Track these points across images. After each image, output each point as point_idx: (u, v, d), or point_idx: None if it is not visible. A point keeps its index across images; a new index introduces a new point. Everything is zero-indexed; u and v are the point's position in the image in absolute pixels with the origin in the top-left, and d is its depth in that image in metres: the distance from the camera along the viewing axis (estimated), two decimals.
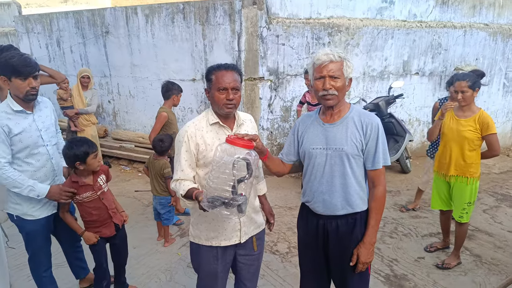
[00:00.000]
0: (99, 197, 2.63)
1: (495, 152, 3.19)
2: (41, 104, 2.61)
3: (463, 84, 3.13)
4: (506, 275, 3.26)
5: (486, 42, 7.24)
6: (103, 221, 2.68)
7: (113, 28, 6.71)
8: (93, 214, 2.63)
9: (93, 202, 2.61)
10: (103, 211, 2.66)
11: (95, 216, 2.64)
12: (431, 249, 3.75)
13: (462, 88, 3.13)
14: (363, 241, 2.02)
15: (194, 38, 5.81)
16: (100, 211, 2.65)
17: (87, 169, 2.55)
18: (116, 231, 2.76)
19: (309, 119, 2.14)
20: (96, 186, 2.62)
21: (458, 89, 3.16)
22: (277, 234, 4.09)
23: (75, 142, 2.53)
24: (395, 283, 3.22)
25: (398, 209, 4.73)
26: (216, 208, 1.64)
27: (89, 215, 2.63)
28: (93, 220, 2.65)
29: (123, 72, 6.91)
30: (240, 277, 2.27)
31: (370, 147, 1.97)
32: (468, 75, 3.20)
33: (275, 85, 5.72)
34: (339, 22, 5.93)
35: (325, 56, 1.90)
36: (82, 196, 2.57)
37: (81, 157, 2.48)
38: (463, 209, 3.29)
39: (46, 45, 7.84)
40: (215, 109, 2.01)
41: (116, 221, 2.75)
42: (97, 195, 2.62)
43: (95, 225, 2.67)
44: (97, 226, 2.67)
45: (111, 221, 2.72)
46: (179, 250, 3.79)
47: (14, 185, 2.39)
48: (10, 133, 2.36)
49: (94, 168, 2.58)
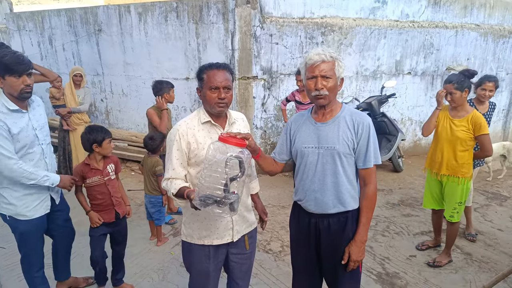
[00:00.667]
0: (105, 183, 2.88)
1: (487, 153, 3.22)
2: (34, 103, 2.59)
3: (450, 87, 3.21)
4: (496, 272, 3.30)
5: (477, 42, 7.32)
6: (106, 206, 2.90)
7: (106, 26, 6.67)
8: (98, 198, 2.87)
9: (99, 186, 2.86)
10: (107, 197, 2.89)
11: (99, 200, 2.88)
12: (423, 247, 3.78)
13: (450, 90, 3.21)
14: (354, 239, 2.03)
15: (187, 36, 5.79)
16: (104, 196, 2.88)
17: (102, 152, 2.83)
18: (116, 220, 2.96)
19: (301, 118, 2.15)
20: (105, 172, 2.88)
21: (447, 91, 3.24)
22: (270, 233, 4.10)
23: (95, 127, 2.85)
24: (387, 281, 3.25)
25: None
26: (208, 207, 1.64)
27: (95, 199, 2.88)
28: (97, 204, 2.89)
29: (116, 71, 6.87)
30: (232, 276, 2.28)
31: (362, 146, 1.99)
32: (455, 77, 3.24)
33: (269, 84, 5.73)
34: (332, 21, 5.95)
35: (317, 56, 1.91)
36: (91, 179, 2.83)
37: (99, 140, 2.78)
38: (454, 209, 3.33)
39: (38, 43, 7.77)
40: (207, 108, 2.01)
41: (118, 210, 2.96)
42: (104, 180, 2.87)
43: (98, 209, 2.90)
44: (99, 210, 2.90)
45: (113, 208, 2.93)
46: (172, 250, 3.78)
47: (31, 178, 2.42)
48: (10, 132, 2.34)
49: (108, 152, 2.86)
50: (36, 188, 2.52)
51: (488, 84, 3.73)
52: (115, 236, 3.05)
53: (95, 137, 2.78)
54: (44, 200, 2.59)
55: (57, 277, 3.07)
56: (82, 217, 3.62)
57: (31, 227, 2.56)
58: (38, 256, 2.70)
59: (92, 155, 2.86)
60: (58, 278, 3.07)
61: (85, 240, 3.70)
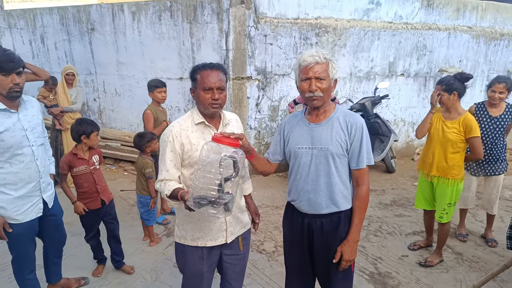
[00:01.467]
0: (91, 172, 3.09)
1: (478, 155, 3.23)
2: (27, 103, 2.51)
3: (438, 88, 3.25)
4: (486, 272, 3.33)
5: (470, 44, 7.39)
6: (91, 193, 3.10)
7: (99, 25, 6.63)
8: (84, 186, 3.06)
9: (85, 175, 3.06)
10: (92, 185, 3.09)
11: (85, 188, 3.07)
12: (415, 247, 3.81)
13: (438, 91, 3.25)
14: (347, 239, 2.05)
15: (181, 36, 5.78)
16: (90, 184, 3.08)
17: (89, 144, 3.05)
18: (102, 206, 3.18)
19: (295, 119, 2.16)
20: (90, 162, 3.10)
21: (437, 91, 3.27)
22: (263, 233, 4.11)
23: (85, 120, 3.08)
24: (379, 281, 3.27)
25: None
26: (202, 207, 1.63)
27: (81, 187, 3.07)
28: (83, 192, 3.08)
29: (109, 70, 6.83)
30: (225, 277, 2.27)
31: (355, 147, 2.00)
32: (445, 80, 3.27)
33: (263, 85, 5.74)
34: (327, 22, 5.97)
35: (311, 57, 1.92)
36: (78, 168, 3.03)
37: (88, 132, 3.00)
38: (443, 210, 3.35)
39: (29, 41, 7.69)
40: (201, 109, 2.00)
41: (103, 197, 3.17)
42: (90, 169, 3.08)
43: (84, 196, 3.09)
44: (85, 198, 3.09)
45: (98, 196, 3.13)
46: (165, 250, 3.77)
47: None
48: None
49: (94, 144, 3.09)
50: (27, 191, 2.46)
51: (498, 86, 3.59)
52: (104, 219, 3.27)
53: (84, 129, 2.99)
54: (35, 204, 2.53)
55: (48, 279, 3.03)
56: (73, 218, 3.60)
57: (21, 231, 2.49)
58: (29, 259, 2.65)
59: (80, 146, 3.06)
60: (49, 280, 3.03)
61: (77, 241, 3.70)
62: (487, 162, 3.77)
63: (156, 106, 4.25)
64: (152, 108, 4.21)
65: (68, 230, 3.06)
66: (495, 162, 3.75)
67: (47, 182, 2.63)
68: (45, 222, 2.66)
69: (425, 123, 3.42)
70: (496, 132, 3.69)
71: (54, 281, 3.04)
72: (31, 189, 2.48)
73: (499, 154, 3.73)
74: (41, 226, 2.66)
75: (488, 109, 3.73)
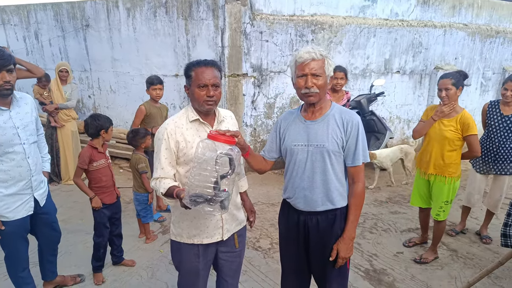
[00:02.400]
0: (109, 165, 3.16)
1: (475, 153, 3.23)
2: (21, 101, 2.47)
3: (447, 82, 3.17)
4: (480, 268, 3.36)
5: (465, 41, 7.42)
6: (109, 187, 3.15)
7: (94, 21, 6.58)
8: (103, 180, 3.10)
9: (104, 169, 3.12)
10: (110, 178, 3.15)
11: (104, 182, 3.11)
12: (410, 244, 3.83)
13: (446, 86, 3.17)
14: (342, 237, 2.05)
15: (177, 33, 5.75)
16: (108, 177, 3.14)
17: (106, 138, 3.11)
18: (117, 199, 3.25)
19: (290, 116, 2.16)
20: (106, 156, 3.16)
21: (442, 86, 3.20)
22: (259, 230, 4.11)
23: (100, 115, 3.13)
24: (374, 278, 3.29)
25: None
26: (199, 205, 1.63)
27: (100, 181, 3.09)
28: (101, 186, 3.10)
29: (104, 67, 6.79)
30: (221, 274, 2.27)
31: (351, 144, 2.00)
32: (452, 74, 3.24)
33: (259, 82, 5.73)
34: (323, 19, 5.97)
35: (307, 54, 1.91)
36: (98, 162, 3.06)
37: (106, 127, 3.07)
38: (440, 207, 3.36)
39: (23, 37, 7.63)
40: (195, 106, 1.99)
41: (116, 191, 3.24)
42: (107, 163, 3.16)
43: (102, 191, 3.11)
44: (103, 192, 3.11)
45: (114, 190, 3.20)
46: (161, 247, 3.77)
47: None
48: None
49: (110, 138, 3.18)
50: (17, 189, 2.43)
51: (511, 84, 3.53)
52: (112, 217, 3.26)
53: (103, 123, 3.06)
54: (26, 202, 2.50)
55: (43, 276, 3.02)
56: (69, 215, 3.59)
57: (12, 229, 2.46)
58: (21, 257, 2.62)
59: (97, 140, 3.09)
60: (44, 278, 3.02)
61: (73, 238, 3.68)
62: (493, 161, 3.72)
63: (152, 103, 4.23)
64: (147, 104, 4.19)
65: (64, 228, 3.05)
66: (504, 161, 3.67)
67: (39, 180, 2.60)
68: (37, 220, 2.64)
69: (426, 128, 3.34)
70: (506, 131, 3.61)
71: (50, 279, 3.03)
72: (21, 187, 2.45)
73: (508, 153, 3.64)
74: (34, 224, 2.64)
75: (501, 107, 3.67)
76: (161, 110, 4.31)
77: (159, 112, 4.27)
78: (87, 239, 3.78)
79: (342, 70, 4.39)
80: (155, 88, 4.15)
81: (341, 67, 4.43)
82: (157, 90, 4.16)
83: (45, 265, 2.97)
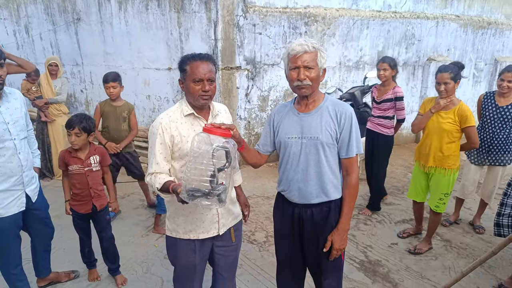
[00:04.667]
0: (85, 173, 2.85)
1: (474, 144, 3.25)
2: (10, 96, 2.44)
3: (446, 76, 3.17)
4: (474, 258, 3.40)
5: (457, 33, 7.43)
6: (84, 197, 2.88)
7: (85, 15, 6.49)
8: (76, 187, 2.86)
9: (79, 176, 2.85)
10: (85, 187, 2.86)
11: (78, 190, 2.86)
12: (404, 235, 3.86)
13: (445, 80, 3.17)
14: (337, 228, 2.06)
15: (169, 26, 5.69)
16: (83, 186, 2.86)
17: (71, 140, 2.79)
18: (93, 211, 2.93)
19: (284, 109, 2.15)
20: (86, 163, 2.86)
21: (441, 80, 3.19)
22: (254, 223, 4.12)
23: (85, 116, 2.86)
24: (369, 269, 3.31)
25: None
26: (196, 199, 1.62)
27: (74, 187, 2.87)
28: (75, 194, 2.88)
29: (96, 61, 6.71)
30: (217, 269, 2.27)
31: (344, 136, 2.00)
32: (450, 67, 3.23)
33: (252, 75, 5.70)
34: (316, 11, 5.93)
35: (300, 46, 1.90)
36: (71, 167, 2.83)
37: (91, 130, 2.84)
38: (440, 199, 3.37)
39: (13, 31, 7.52)
40: (190, 100, 1.97)
41: (95, 203, 2.91)
42: (84, 170, 2.85)
43: (76, 199, 2.90)
44: (77, 200, 2.89)
45: (90, 200, 2.90)
46: (156, 242, 3.76)
47: None
48: None
49: (75, 142, 2.78)
50: (9, 185, 2.41)
51: (507, 74, 3.54)
52: (94, 224, 3.07)
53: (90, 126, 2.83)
54: (17, 198, 2.47)
55: (37, 273, 3.00)
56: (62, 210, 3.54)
57: (3, 225, 2.44)
58: (14, 254, 2.60)
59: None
60: (38, 274, 3.00)
61: (66, 234, 3.66)
62: (488, 152, 3.74)
63: (108, 101, 4.06)
64: (103, 102, 4.10)
65: (57, 224, 3.03)
66: (497, 152, 3.70)
67: (31, 176, 2.58)
68: (29, 216, 2.62)
69: (424, 121, 3.35)
70: (500, 122, 3.63)
71: (43, 275, 3.01)
72: (13, 183, 2.43)
73: (502, 145, 3.66)
74: (26, 221, 2.62)
75: (496, 99, 3.68)
76: (117, 110, 4.04)
77: (114, 111, 4.03)
78: None
79: (385, 61, 4.04)
80: (108, 86, 3.93)
81: (385, 57, 4.13)
82: (110, 88, 3.93)
83: (39, 262, 2.95)
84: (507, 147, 3.68)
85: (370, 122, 4.35)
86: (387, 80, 4.08)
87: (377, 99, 4.22)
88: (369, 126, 4.36)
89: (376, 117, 4.23)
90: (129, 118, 4.11)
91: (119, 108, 4.06)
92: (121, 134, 4.08)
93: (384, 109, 4.13)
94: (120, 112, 4.06)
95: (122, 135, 4.08)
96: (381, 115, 4.17)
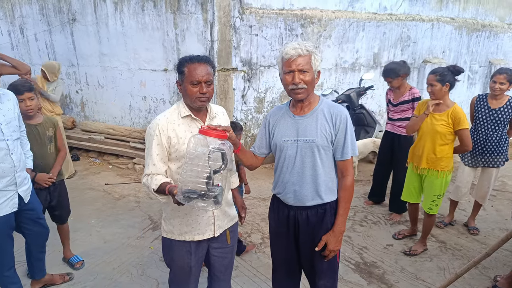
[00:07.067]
0: None
1: (466, 147, 3.26)
2: (3, 97, 2.43)
3: (431, 78, 3.21)
4: (468, 259, 3.42)
5: (452, 35, 7.48)
6: None
7: (81, 15, 6.47)
8: None
9: None
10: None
11: None
12: (399, 236, 3.87)
13: (430, 82, 3.22)
14: (332, 230, 2.06)
15: (165, 27, 5.68)
16: None
17: None
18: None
19: (279, 111, 2.15)
20: None
21: (428, 82, 3.25)
22: (250, 225, 4.12)
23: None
24: (364, 270, 3.32)
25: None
26: (192, 201, 1.62)
27: None
28: None
29: (92, 61, 6.69)
30: (213, 270, 2.27)
31: (339, 138, 2.01)
32: (439, 70, 3.26)
33: (249, 76, 5.71)
34: (312, 13, 5.95)
35: (293, 50, 1.90)
36: None
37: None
38: (433, 201, 3.39)
39: (8, 32, 7.47)
40: (187, 102, 1.97)
41: None
42: None
43: None
44: None
45: None
46: (151, 244, 3.75)
47: None
48: None
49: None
50: (1, 185, 2.39)
51: (499, 76, 3.56)
52: None
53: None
54: (10, 199, 2.46)
55: (32, 275, 2.98)
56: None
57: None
58: (6, 255, 2.58)
59: None
60: (33, 276, 2.99)
61: None
62: (481, 154, 3.75)
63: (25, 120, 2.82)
64: None
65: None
66: (491, 154, 3.71)
67: (23, 177, 2.56)
68: (23, 217, 2.61)
69: (418, 123, 3.37)
70: (493, 124, 3.65)
71: (38, 277, 2.99)
72: (5, 184, 2.41)
73: (495, 146, 3.68)
74: (20, 222, 2.62)
75: (488, 101, 3.70)
76: (38, 129, 3.00)
77: (34, 131, 2.97)
78: (75, 237, 3.76)
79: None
80: (23, 99, 2.82)
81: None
82: (27, 101, 2.85)
83: (34, 263, 2.93)
84: (500, 148, 3.70)
85: (389, 125, 4.35)
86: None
87: (393, 101, 4.23)
88: (388, 128, 4.37)
89: (396, 120, 4.24)
90: (55, 136, 3.12)
91: (40, 127, 3.02)
92: (48, 160, 3.05)
93: (401, 110, 4.16)
94: (43, 132, 3.03)
95: (50, 160, 3.06)
96: (400, 117, 4.18)
